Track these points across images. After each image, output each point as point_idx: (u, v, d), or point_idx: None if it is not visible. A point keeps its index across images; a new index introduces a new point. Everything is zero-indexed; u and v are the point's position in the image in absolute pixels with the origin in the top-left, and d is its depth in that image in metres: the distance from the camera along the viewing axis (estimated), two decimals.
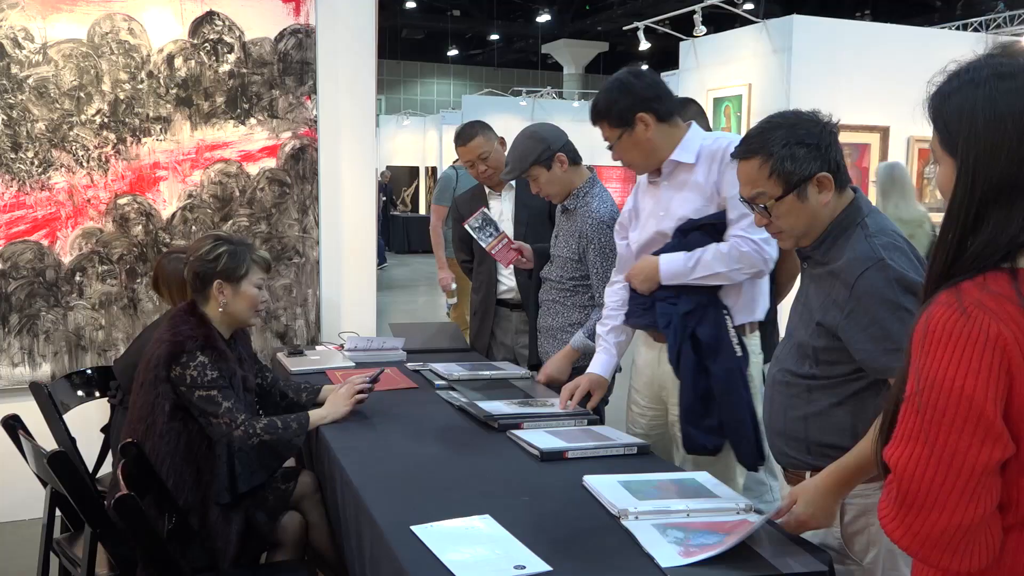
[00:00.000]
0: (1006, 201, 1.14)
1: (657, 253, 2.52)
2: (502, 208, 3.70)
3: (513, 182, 3.67)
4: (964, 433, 1.10)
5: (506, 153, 3.41)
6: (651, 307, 2.55)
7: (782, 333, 3.18)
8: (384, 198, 18.70)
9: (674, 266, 2.46)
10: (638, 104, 2.47)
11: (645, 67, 2.59)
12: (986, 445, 1.10)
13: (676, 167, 2.53)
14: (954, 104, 1.19)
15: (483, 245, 3.33)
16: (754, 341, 2.58)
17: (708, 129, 3.03)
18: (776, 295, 3.04)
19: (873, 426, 1.73)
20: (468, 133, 3.66)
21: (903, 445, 1.15)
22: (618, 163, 2.63)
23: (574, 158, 3.07)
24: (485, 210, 3.40)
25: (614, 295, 2.77)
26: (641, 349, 2.73)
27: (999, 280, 1.13)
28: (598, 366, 2.73)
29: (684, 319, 2.45)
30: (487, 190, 3.78)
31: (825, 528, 1.79)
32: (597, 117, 2.55)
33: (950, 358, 1.11)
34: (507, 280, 3.64)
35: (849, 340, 1.75)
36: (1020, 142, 1.14)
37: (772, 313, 3.06)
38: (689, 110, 3.05)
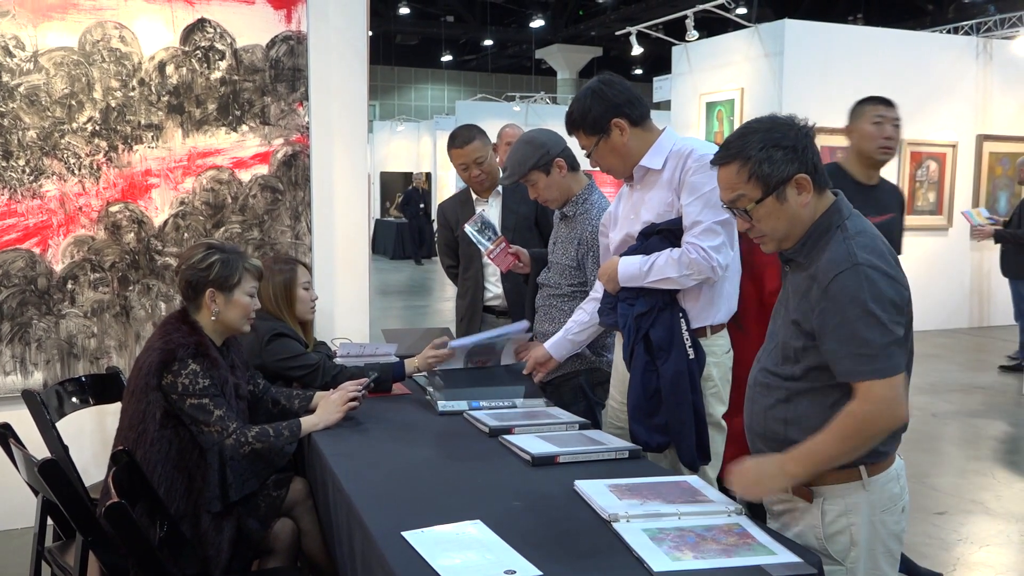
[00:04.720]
0: None
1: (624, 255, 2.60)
2: (489, 214, 3.70)
3: (500, 188, 3.67)
4: None
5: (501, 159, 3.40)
6: (615, 307, 2.63)
7: None
8: (423, 205, 17.71)
9: (631, 269, 2.54)
10: (611, 110, 2.54)
11: (614, 74, 2.66)
12: None
13: (646, 172, 2.60)
14: None
15: (483, 249, 3.31)
16: (720, 342, 2.61)
17: None
18: None
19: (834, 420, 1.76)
20: (466, 136, 3.64)
21: None
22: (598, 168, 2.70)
23: (572, 164, 3.05)
24: (483, 213, 3.39)
25: (598, 291, 2.84)
26: (616, 347, 2.80)
27: None
28: (548, 342, 2.91)
29: (638, 320, 2.54)
30: (474, 196, 3.78)
31: (762, 495, 1.90)
32: (572, 127, 2.62)
33: None
34: (494, 287, 3.66)
35: (820, 340, 1.79)
36: None
37: None
38: None
